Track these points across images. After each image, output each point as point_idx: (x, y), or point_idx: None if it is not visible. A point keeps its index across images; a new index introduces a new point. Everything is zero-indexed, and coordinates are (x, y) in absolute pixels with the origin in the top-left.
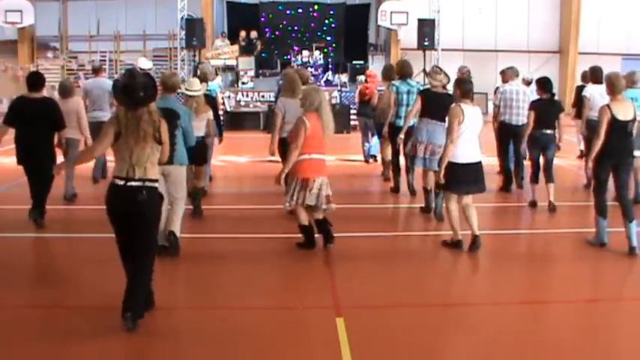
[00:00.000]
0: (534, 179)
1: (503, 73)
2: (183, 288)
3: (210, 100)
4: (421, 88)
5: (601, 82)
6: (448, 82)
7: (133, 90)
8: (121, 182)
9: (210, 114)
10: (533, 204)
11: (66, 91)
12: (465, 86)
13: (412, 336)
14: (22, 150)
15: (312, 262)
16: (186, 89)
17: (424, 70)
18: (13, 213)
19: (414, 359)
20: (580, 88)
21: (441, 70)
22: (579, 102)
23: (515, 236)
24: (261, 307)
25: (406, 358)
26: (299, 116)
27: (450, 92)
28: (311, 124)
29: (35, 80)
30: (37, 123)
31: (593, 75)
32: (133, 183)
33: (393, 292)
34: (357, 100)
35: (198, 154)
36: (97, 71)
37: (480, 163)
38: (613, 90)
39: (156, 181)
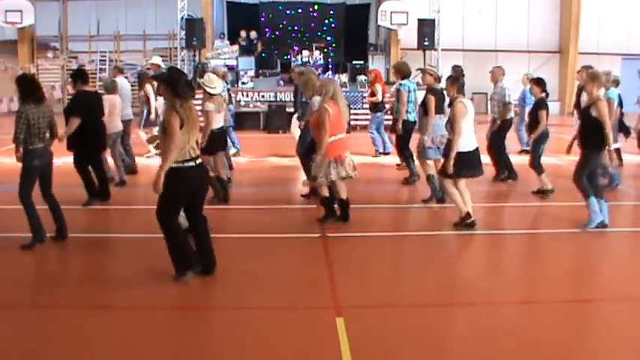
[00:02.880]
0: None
1: (491, 72)
2: (182, 288)
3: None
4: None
5: None
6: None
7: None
8: (193, 162)
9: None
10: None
11: (113, 87)
12: (460, 83)
13: (412, 336)
14: (90, 138)
15: (312, 262)
16: (207, 86)
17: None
18: (14, 213)
19: (413, 359)
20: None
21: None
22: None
23: (516, 236)
24: (262, 307)
25: (406, 358)
26: (321, 106)
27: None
28: (332, 110)
29: (86, 76)
30: (98, 113)
31: None
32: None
33: (393, 292)
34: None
35: (219, 142)
36: (121, 71)
37: (477, 149)
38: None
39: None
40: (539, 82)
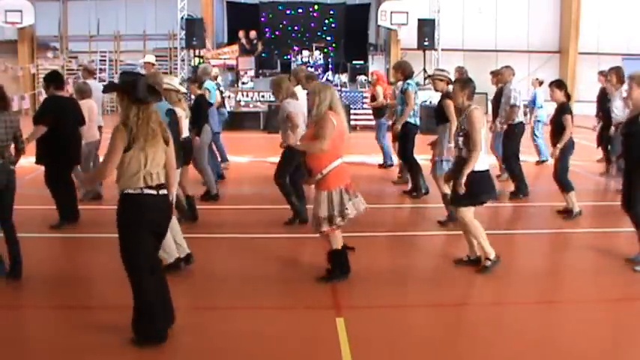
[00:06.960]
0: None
1: (500, 73)
2: (182, 288)
3: (202, 100)
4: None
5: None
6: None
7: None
8: (154, 191)
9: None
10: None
11: (88, 91)
12: (472, 87)
13: (412, 336)
14: (62, 151)
15: (312, 262)
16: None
17: (424, 70)
18: None
19: (413, 359)
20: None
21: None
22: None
23: (517, 236)
24: (262, 307)
25: (406, 358)
26: (324, 113)
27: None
28: (337, 122)
29: (62, 80)
30: (71, 122)
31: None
32: (164, 190)
33: (394, 292)
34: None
35: (185, 154)
36: (92, 72)
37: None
38: None
39: None
40: (560, 85)
